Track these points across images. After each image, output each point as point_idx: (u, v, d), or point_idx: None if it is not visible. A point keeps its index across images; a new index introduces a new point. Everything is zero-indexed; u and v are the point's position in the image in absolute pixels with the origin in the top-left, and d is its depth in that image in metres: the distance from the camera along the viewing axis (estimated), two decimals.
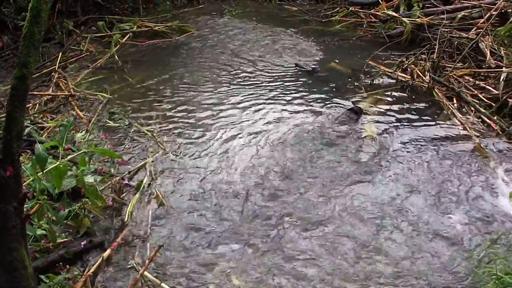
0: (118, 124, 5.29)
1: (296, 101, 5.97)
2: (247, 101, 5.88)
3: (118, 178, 4.38)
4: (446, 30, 7.43)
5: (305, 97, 6.10)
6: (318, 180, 4.61)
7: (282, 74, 6.76)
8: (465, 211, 4.35)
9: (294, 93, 6.21)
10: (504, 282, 3.05)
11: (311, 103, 5.93)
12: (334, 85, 6.51)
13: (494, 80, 6.36)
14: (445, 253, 3.88)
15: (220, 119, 5.46)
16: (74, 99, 5.77)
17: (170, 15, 8.74)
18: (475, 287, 3.53)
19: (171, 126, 5.30)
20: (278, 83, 6.44)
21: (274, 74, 6.72)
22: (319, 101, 6.00)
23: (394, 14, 8.52)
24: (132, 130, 5.17)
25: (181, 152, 4.89)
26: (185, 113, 5.56)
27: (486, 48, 6.85)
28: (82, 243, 3.67)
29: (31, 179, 3.22)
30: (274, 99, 5.97)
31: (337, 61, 7.22)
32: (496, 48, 6.88)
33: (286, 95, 6.13)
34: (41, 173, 2.96)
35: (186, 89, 6.11)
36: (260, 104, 5.82)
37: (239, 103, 5.83)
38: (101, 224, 3.95)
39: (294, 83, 6.51)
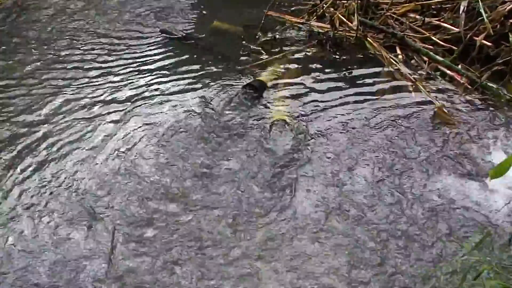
0: None
1: (170, 86, 4.70)
2: (105, 98, 4.55)
3: None
4: None
5: (181, 78, 4.83)
6: (217, 201, 3.53)
7: (146, 49, 5.32)
8: (429, 207, 3.53)
9: (166, 73, 4.91)
10: None
11: (191, 85, 4.70)
12: (220, 52, 5.25)
13: (451, 13, 5.27)
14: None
15: (70, 130, 4.16)
16: None
17: None
18: None
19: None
20: (142, 64, 5.06)
21: (135, 52, 5.28)
22: (201, 79, 4.80)
23: None
24: None
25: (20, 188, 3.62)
26: (28, 129, 4.21)
27: None
28: None
29: None
30: (142, 88, 4.65)
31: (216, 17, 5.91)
32: None
33: (156, 78, 4.81)
34: None
35: (28, 99, 4.64)
36: (124, 99, 4.50)
37: (94, 103, 4.48)
38: None
39: (164, 59, 5.17)
